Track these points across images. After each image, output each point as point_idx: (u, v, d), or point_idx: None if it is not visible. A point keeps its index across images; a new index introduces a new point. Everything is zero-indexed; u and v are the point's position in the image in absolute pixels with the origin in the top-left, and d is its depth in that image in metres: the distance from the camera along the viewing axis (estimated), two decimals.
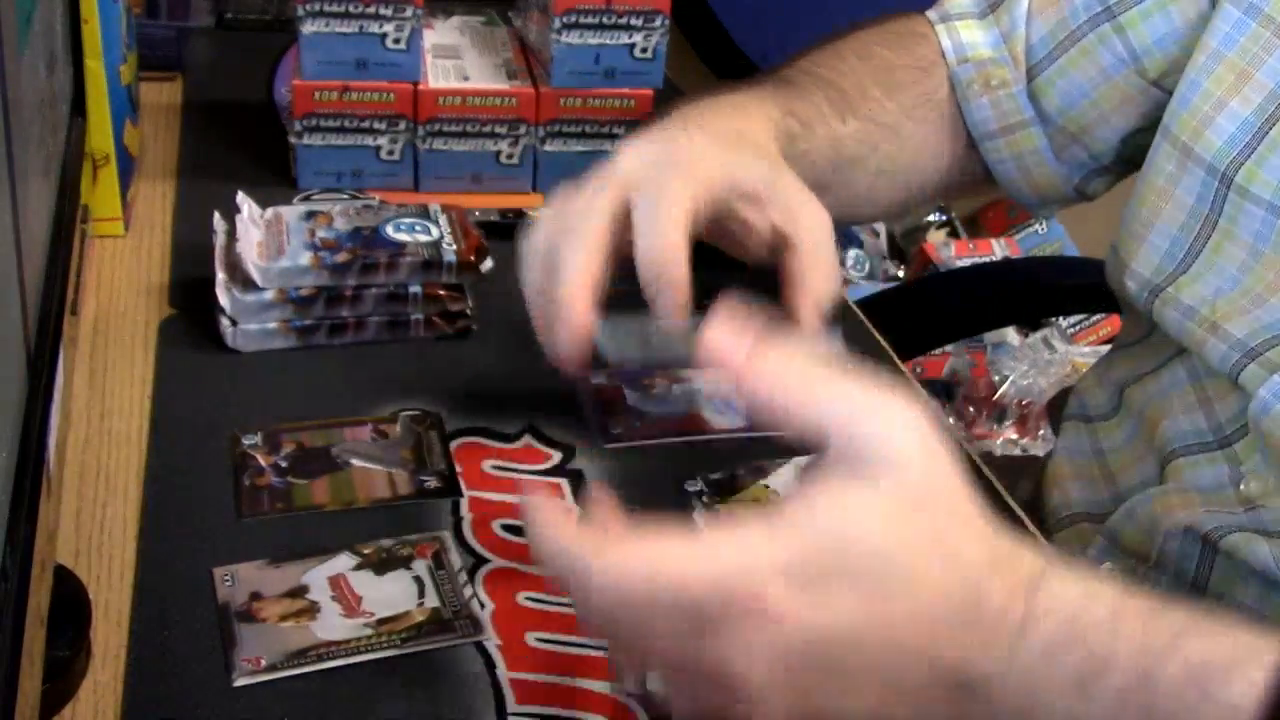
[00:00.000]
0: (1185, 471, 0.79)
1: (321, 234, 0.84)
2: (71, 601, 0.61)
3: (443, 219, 0.87)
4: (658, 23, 0.99)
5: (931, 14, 0.91)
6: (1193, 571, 0.77)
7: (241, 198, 0.85)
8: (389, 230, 0.85)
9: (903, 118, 0.86)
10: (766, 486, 0.74)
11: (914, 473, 0.48)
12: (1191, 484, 0.78)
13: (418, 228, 0.85)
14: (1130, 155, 0.86)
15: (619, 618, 0.49)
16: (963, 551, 0.48)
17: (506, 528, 0.70)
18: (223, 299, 0.81)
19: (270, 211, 0.85)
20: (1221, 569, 0.75)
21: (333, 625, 0.62)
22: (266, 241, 0.82)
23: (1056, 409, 1.02)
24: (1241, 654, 0.46)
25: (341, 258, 0.82)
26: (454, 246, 0.83)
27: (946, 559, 0.48)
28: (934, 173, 0.90)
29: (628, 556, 0.48)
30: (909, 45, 0.89)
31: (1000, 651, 0.48)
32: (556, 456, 0.75)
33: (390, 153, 1.00)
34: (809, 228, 0.69)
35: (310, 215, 0.86)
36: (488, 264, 0.84)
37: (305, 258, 0.81)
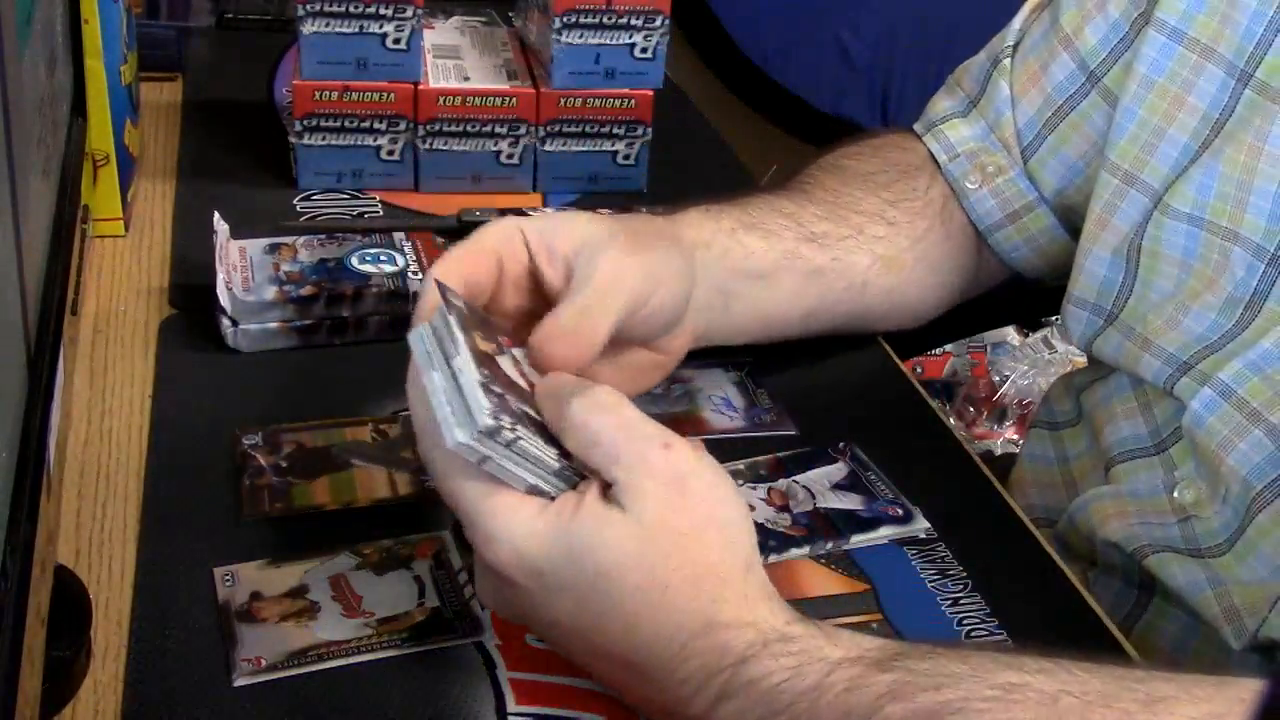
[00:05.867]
0: (1124, 477, 0.79)
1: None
2: (71, 601, 0.61)
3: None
4: (658, 23, 0.99)
5: (917, 126, 0.91)
6: (1137, 576, 0.77)
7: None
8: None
9: (887, 206, 0.84)
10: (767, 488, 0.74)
11: (661, 517, 0.54)
12: (1128, 490, 0.78)
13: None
14: None
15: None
16: (678, 612, 0.54)
17: None
18: (223, 299, 0.81)
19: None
20: (1155, 584, 0.76)
21: (333, 625, 0.62)
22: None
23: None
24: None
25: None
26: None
27: (660, 609, 0.54)
28: (953, 271, 0.88)
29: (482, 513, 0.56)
30: (884, 153, 0.89)
31: (696, 712, 0.53)
32: None
33: (390, 153, 1.00)
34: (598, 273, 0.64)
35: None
36: None
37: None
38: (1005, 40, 0.88)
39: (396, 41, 0.97)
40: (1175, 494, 0.75)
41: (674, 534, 0.54)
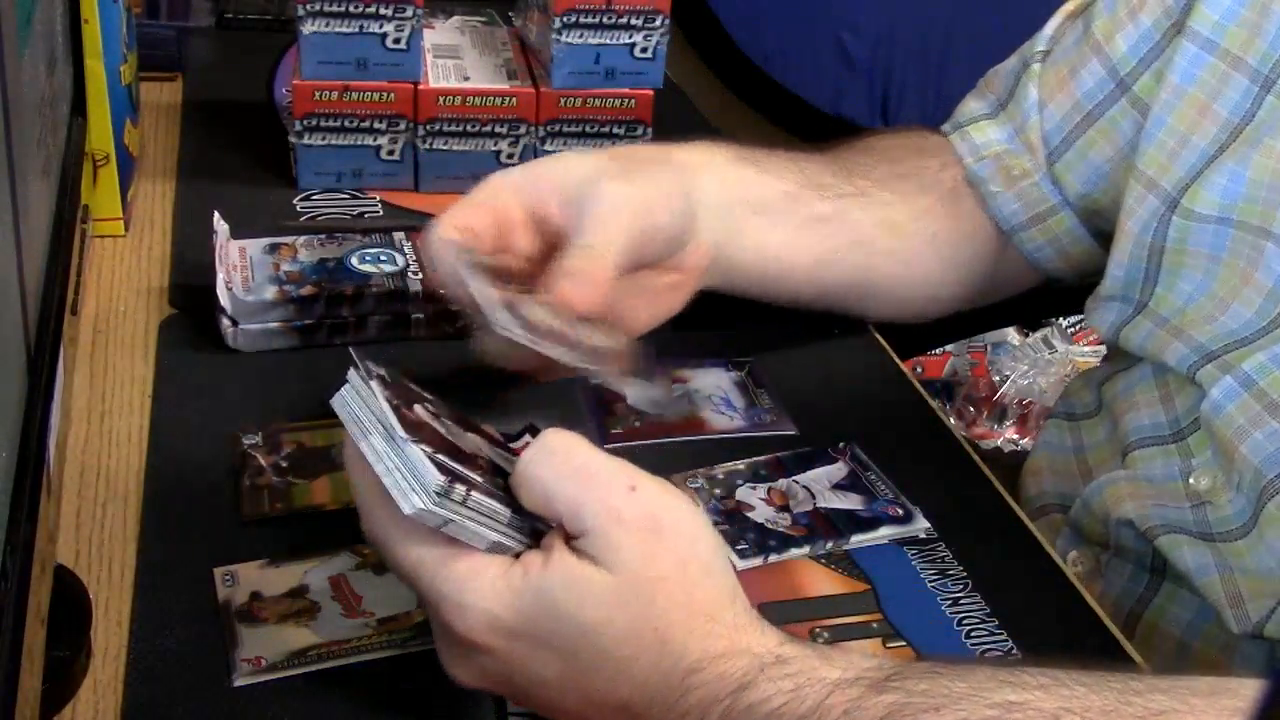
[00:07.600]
0: (1140, 463, 0.80)
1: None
2: (71, 601, 0.61)
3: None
4: (658, 23, 0.99)
5: (945, 127, 0.92)
6: (1149, 558, 0.77)
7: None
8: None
9: (894, 179, 0.86)
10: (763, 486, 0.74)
11: (641, 565, 0.52)
12: (1144, 475, 0.79)
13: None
14: None
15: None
16: (672, 651, 0.52)
17: None
18: (223, 299, 0.81)
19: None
20: (1167, 567, 0.77)
21: (333, 625, 0.62)
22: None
23: None
24: None
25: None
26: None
27: (655, 649, 0.52)
28: (970, 256, 0.89)
29: (441, 574, 0.54)
30: (904, 137, 0.91)
31: None
32: None
33: (390, 153, 1.00)
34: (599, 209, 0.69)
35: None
36: None
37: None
38: (1036, 45, 0.88)
39: (396, 41, 0.97)
40: (1190, 480, 0.75)
41: (655, 581, 0.53)
